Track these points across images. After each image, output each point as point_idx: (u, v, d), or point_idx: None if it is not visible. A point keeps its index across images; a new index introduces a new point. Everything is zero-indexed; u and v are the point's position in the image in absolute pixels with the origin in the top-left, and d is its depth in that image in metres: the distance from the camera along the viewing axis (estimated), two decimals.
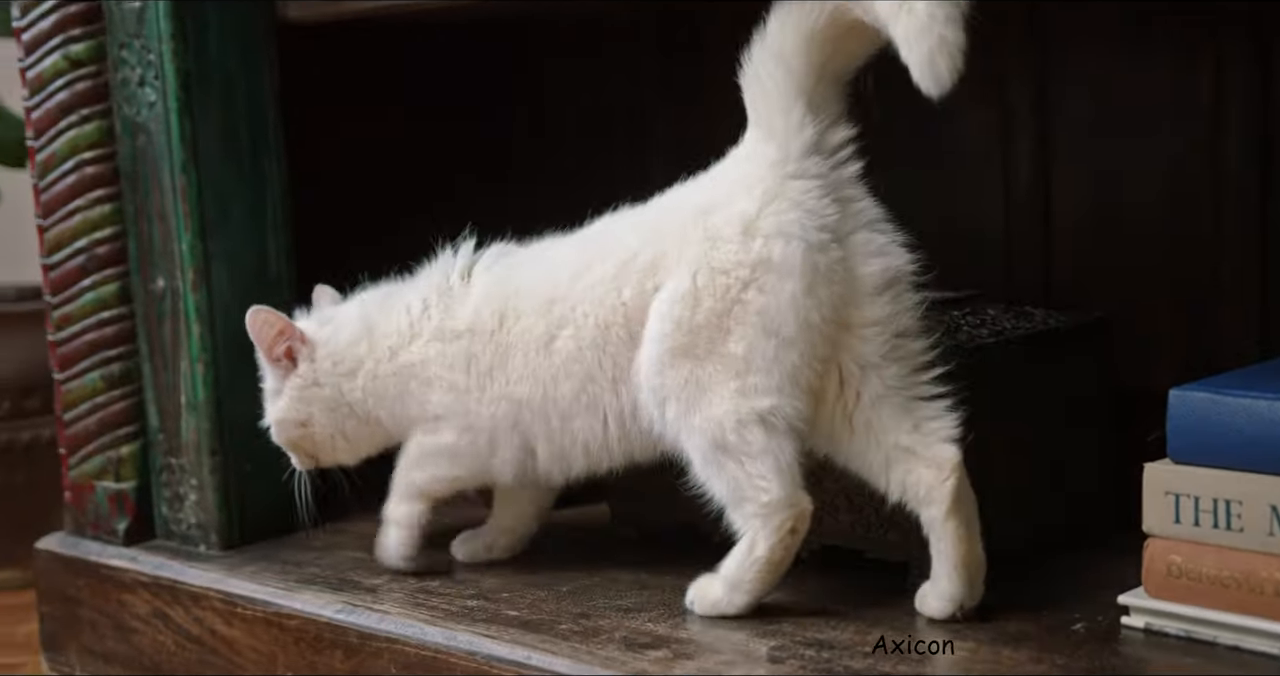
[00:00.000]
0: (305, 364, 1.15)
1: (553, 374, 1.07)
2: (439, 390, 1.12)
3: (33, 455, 1.81)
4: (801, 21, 0.98)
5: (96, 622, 1.34)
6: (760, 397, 0.98)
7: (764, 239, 0.98)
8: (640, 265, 1.03)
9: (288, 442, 1.18)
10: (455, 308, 1.13)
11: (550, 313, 1.07)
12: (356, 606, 1.12)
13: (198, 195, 1.28)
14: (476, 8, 1.30)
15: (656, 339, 1.01)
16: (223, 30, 1.28)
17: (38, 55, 1.34)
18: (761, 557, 1.00)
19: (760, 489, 0.99)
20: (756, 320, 0.98)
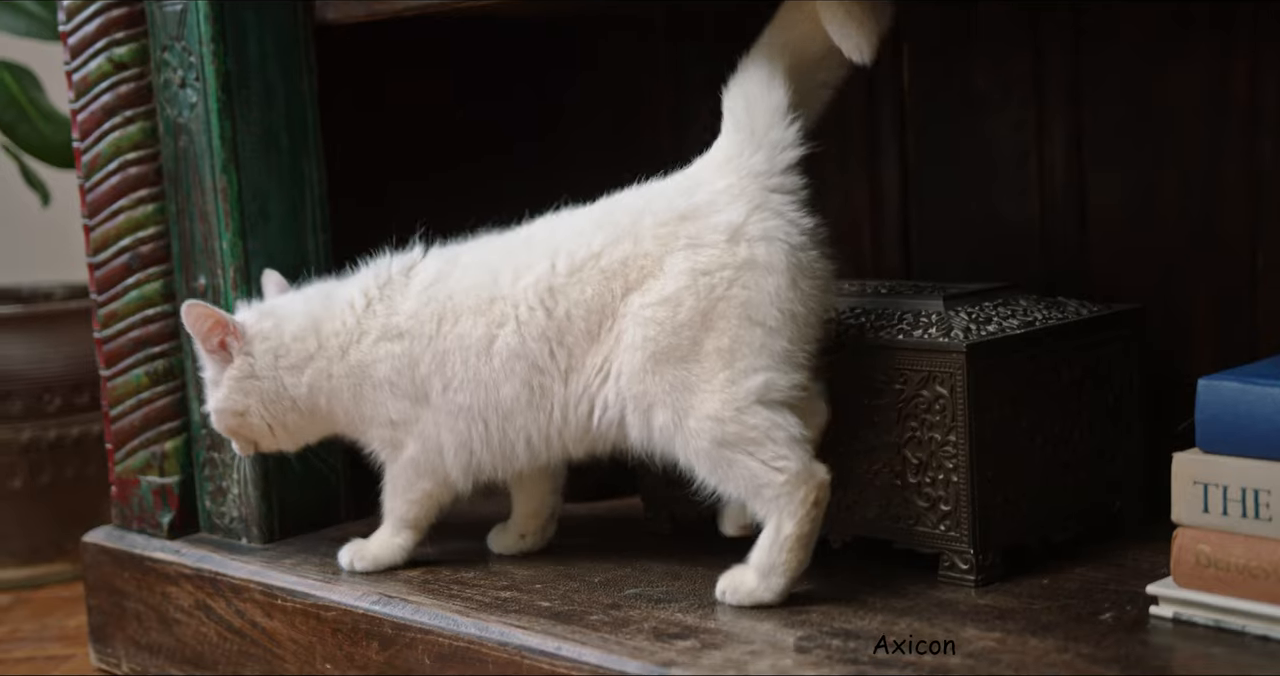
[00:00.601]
0: (240, 357, 1.17)
1: (494, 378, 1.10)
2: (391, 394, 1.15)
3: (83, 450, 1.84)
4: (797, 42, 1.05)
5: (142, 614, 1.36)
6: (751, 376, 1.02)
7: (748, 243, 1.03)
8: (607, 265, 1.06)
9: (226, 431, 1.21)
10: (397, 303, 1.15)
11: (490, 311, 1.10)
12: (392, 598, 1.14)
13: (238, 195, 1.30)
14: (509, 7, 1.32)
15: (637, 346, 1.04)
16: (262, 33, 1.30)
17: (83, 58, 1.36)
18: (790, 535, 1.02)
19: (775, 470, 1.01)
20: (740, 313, 1.02)
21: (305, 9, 1.33)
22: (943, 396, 1.05)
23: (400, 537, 1.20)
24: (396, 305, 1.15)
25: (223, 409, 1.19)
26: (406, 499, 1.18)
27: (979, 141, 1.37)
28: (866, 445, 1.10)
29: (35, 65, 2.00)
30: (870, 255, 1.46)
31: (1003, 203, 1.36)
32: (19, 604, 1.76)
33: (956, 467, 1.05)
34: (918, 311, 1.11)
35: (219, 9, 1.27)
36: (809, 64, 1.08)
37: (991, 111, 1.36)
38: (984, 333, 1.07)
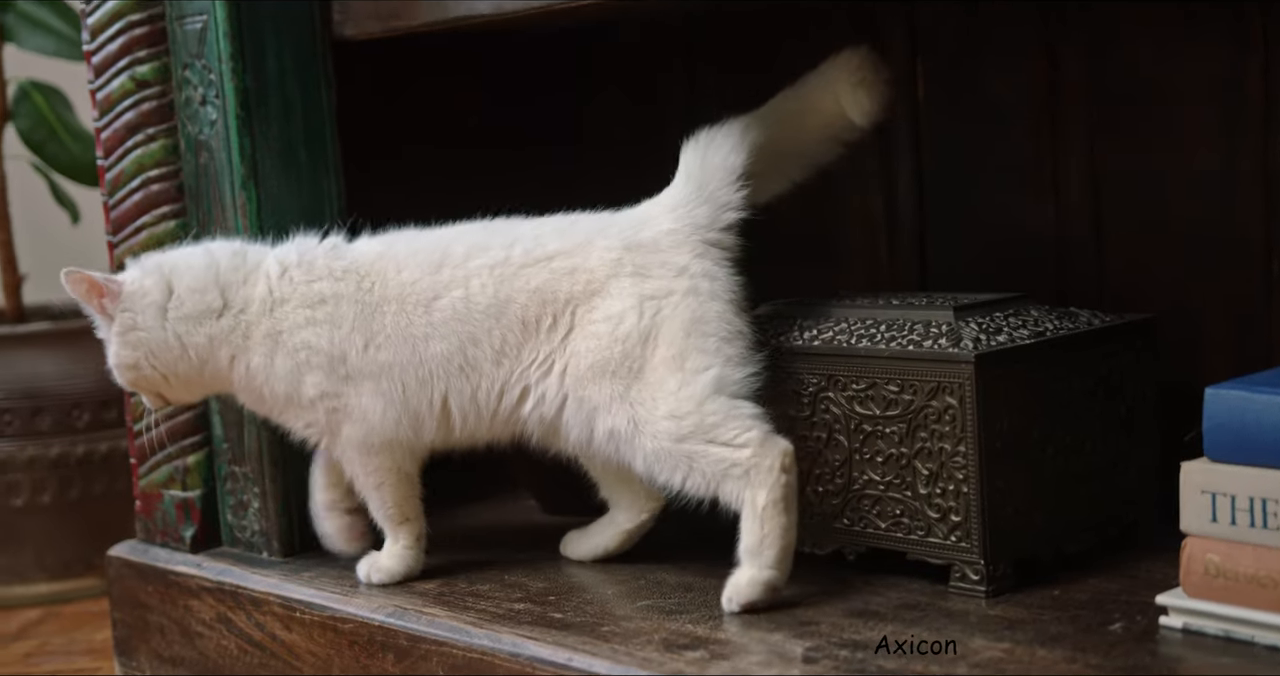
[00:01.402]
0: (120, 314, 1.20)
1: (427, 332, 1.15)
2: (306, 364, 1.17)
3: (111, 465, 1.86)
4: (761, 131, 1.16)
5: (165, 627, 1.37)
6: (703, 373, 1.08)
7: (691, 277, 1.12)
8: (558, 267, 1.14)
9: (129, 384, 1.23)
10: (318, 270, 1.18)
11: (438, 274, 1.16)
12: (407, 610, 1.14)
13: (257, 210, 1.31)
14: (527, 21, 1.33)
15: (582, 354, 1.11)
16: (280, 50, 1.32)
17: (106, 77, 1.38)
18: (767, 503, 1.05)
19: (739, 447, 1.06)
20: (687, 327, 1.10)
21: (323, 25, 1.34)
22: (952, 407, 1.05)
23: (402, 539, 1.22)
24: (317, 272, 1.18)
25: (115, 364, 1.21)
26: (374, 487, 1.20)
27: (993, 151, 1.37)
28: (877, 456, 1.10)
29: (64, 85, 2.03)
30: (886, 264, 1.46)
31: (1018, 212, 1.36)
32: (49, 618, 1.79)
33: (967, 478, 1.05)
34: (928, 322, 1.11)
35: (238, 27, 1.29)
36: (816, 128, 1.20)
37: (1006, 120, 1.36)
38: (994, 343, 1.07)
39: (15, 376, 1.82)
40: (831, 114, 1.19)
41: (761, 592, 1.05)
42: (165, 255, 1.23)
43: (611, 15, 1.38)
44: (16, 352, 1.82)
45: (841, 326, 1.15)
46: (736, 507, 1.06)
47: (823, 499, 1.14)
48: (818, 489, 1.14)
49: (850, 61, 1.17)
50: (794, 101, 1.20)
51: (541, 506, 1.42)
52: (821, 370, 1.13)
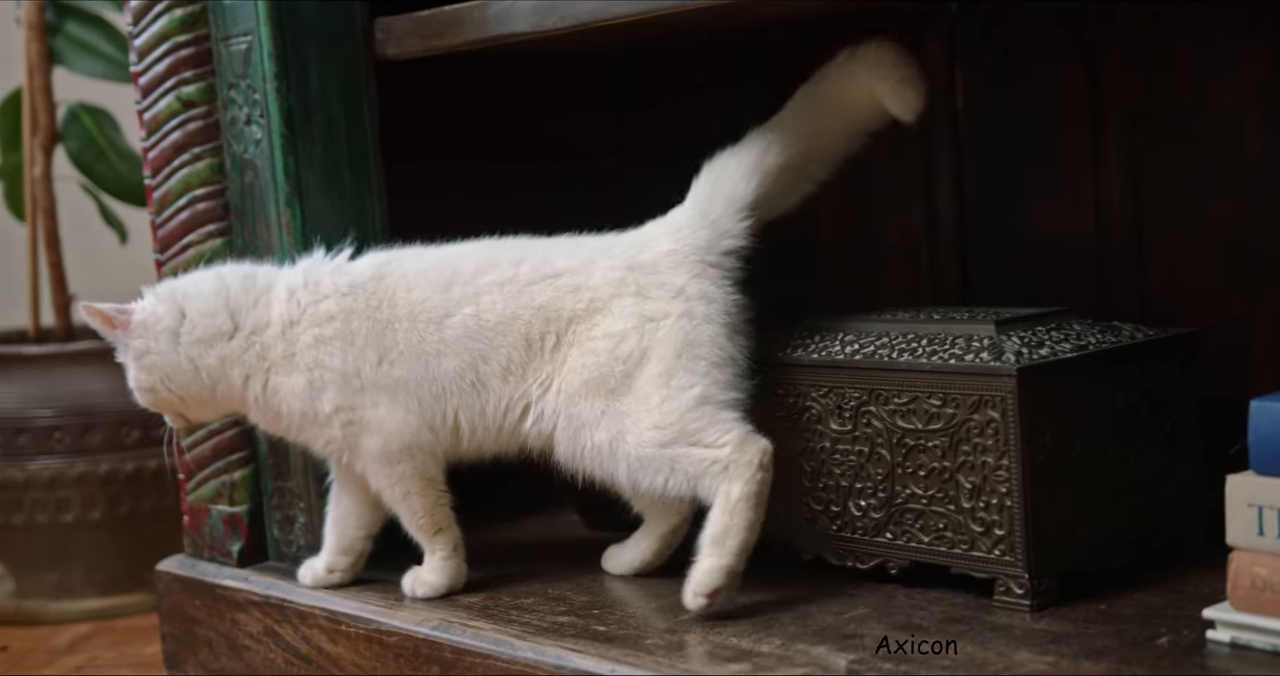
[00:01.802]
0: (134, 340, 1.22)
1: (439, 349, 1.17)
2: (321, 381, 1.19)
3: (160, 482, 1.88)
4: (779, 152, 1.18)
5: (212, 641, 1.39)
6: (688, 390, 1.11)
7: (687, 300, 1.14)
8: (563, 285, 1.16)
9: (149, 406, 1.26)
10: (325, 290, 1.20)
11: (448, 292, 1.18)
12: (452, 623, 1.15)
13: (301, 229, 1.32)
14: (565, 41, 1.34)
15: (577, 370, 1.14)
16: (324, 69, 1.34)
17: (153, 97, 1.40)
18: (739, 496, 1.08)
19: (719, 446, 1.09)
20: (678, 347, 1.12)
21: (366, 45, 1.36)
22: (994, 420, 1.05)
23: (439, 550, 1.23)
24: (324, 291, 1.20)
25: (134, 388, 1.25)
26: (401, 497, 1.21)
27: (1034, 164, 1.37)
28: (920, 470, 1.10)
29: (112, 107, 2.06)
30: (927, 278, 1.46)
31: (1059, 225, 1.36)
32: (99, 632, 1.81)
33: (1010, 492, 1.05)
34: (969, 336, 1.11)
35: (282, 47, 1.31)
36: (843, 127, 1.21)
37: (1046, 131, 1.36)
38: (1035, 356, 1.07)
39: (66, 394, 1.84)
40: (862, 111, 1.20)
41: (722, 578, 1.08)
42: (178, 281, 1.26)
43: (647, 37, 1.39)
44: (67, 371, 1.85)
45: (883, 340, 1.15)
46: (710, 501, 1.09)
47: (865, 513, 1.14)
48: (859, 503, 1.14)
49: (884, 57, 1.18)
50: (816, 103, 1.20)
51: (584, 521, 1.43)
52: (863, 384, 1.13)
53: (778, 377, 1.19)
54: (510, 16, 1.25)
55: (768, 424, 1.19)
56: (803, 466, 1.18)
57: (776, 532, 1.20)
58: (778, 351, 1.20)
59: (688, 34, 1.46)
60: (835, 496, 1.16)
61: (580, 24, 1.20)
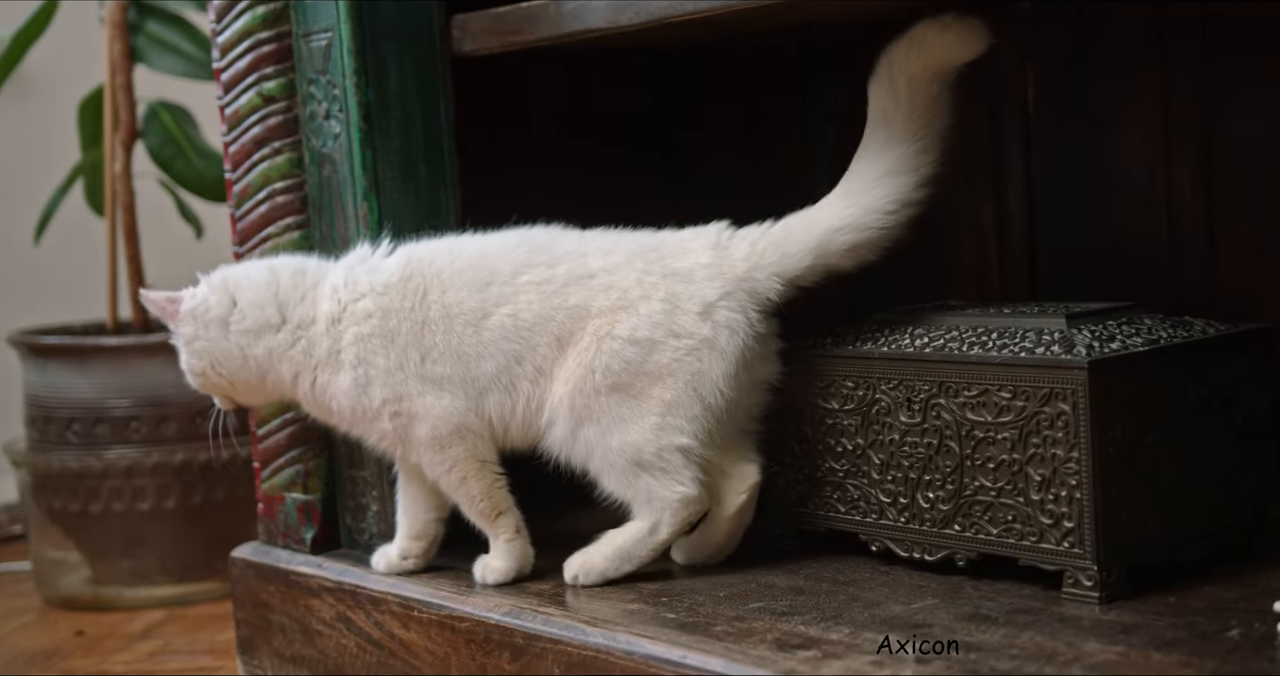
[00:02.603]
0: (184, 326, 1.27)
1: (478, 351, 1.20)
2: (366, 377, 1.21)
3: (232, 472, 1.92)
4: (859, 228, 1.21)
5: (286, 626, 1.41)
6: (678, 435, 1.17)
7: (713, 325, 1.18)
8: (596, 285, 1.19)
9: (199, 388, 1.30)
10: (362, 288, 1.23)
11: (486, 291, 1.21)
12: (523, 609, 1.17)
13: (378, 221, 1.35)
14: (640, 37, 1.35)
15: (600, 370, 1.18)
16: (402, 65, 1.36)
17: (235, 93, 1.43)
18: (661, 539, 1.20)
19: (674, 491, 1.18)
20: (691, 381, 1.17)
21: (443, 42, 1.38)
22: (1065, 413, 1.05)
23: (502, 534, 1.25)
24: (360, 289, 1.23)
25: (186, 369, 1.29)
26: (460, 482, 1.23)
27: (1105, 160, 1.37)
28: (989, 462, 1.11)
29: (190, 103, 2.10)
30: (996, 273, 1.46)
31: (1129, 222, 1.36)
32: (172, 619, 1.84)
33: (1079, 484, 1.05)
34: (1040, 329, 1.11)
35: (361, 43, 1.33)
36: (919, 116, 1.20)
37: (1118, 130, 1.36)
38: (1107, 350, 1.07)
39: (143, 385, 1.88)
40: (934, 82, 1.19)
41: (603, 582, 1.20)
42: (231, 269, 1.29)
43: (719, 33, 1.40)
44: (144, 362, 1.88)
45: (953, 334, 1.16)
46: (634, 515, 1.20)
47: (933, 505, 1.15)
48: (928, 495, 1.15)
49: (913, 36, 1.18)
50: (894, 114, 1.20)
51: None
52: (933, 377, 1.14)
53: (847, 370, 1.20)
54: (585, 13, 1.27)
55: (836, 417, 1.21)
56: (871, 458, 1.19)
57: (846, 525, 1.22)
58: (848, 344, 1.21)
59: (760, 31, 1.48)
60: (904, 488, 1.17)
61: (654, 20, 1.22)
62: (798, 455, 1.25)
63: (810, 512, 1.25)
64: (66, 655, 1.70)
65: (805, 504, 1.25)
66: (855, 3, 1.28)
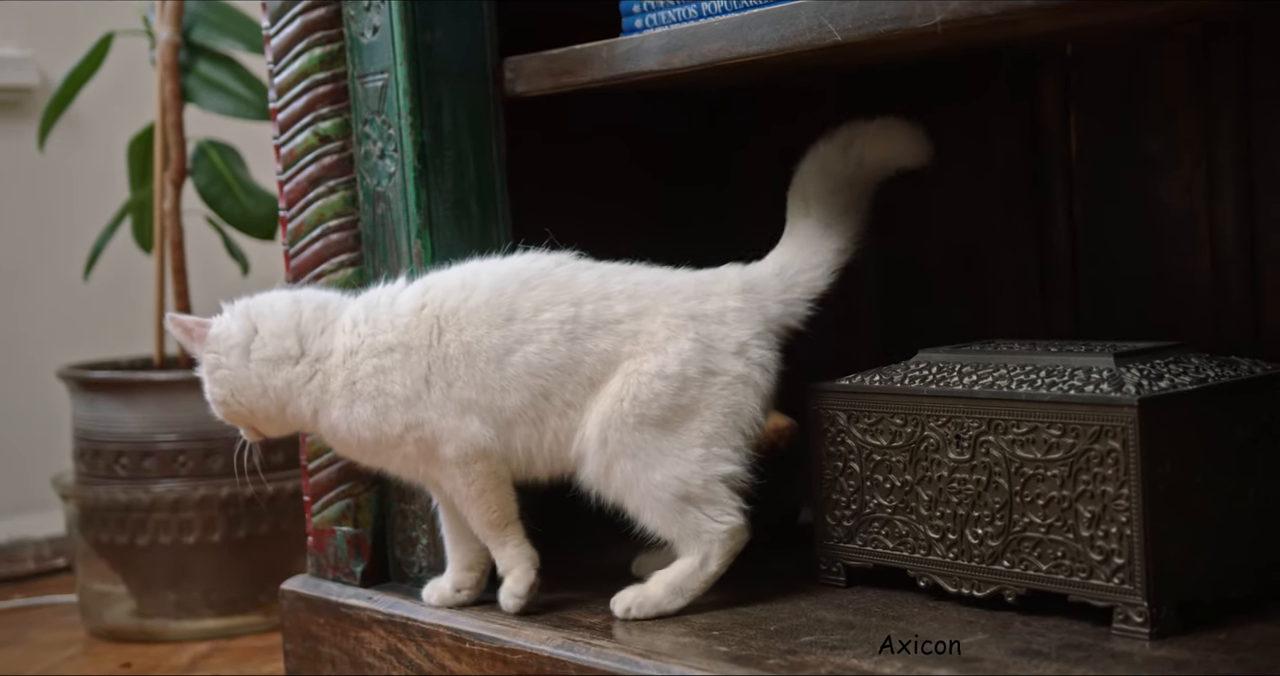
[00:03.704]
0: (208, 353, 1.28)
1: (501, 384, 1.22)
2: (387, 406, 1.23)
3: (277, 506, 1.94)
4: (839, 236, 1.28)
5: (335, 658, 1.43)
6: (723, 464, 1.21)
7: (747, 363, 1.22)
8: (623, 331, 1.22)
9: (223, 417, 1.31)
10: (382, 322, 1.25)
11: (508, 328, 1.22)
12: (575, 642, 1.18)
13: (431, 258, 1.37)
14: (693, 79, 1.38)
15: (629, 400, 1.20)
16: (455, 106, 1.39)
17: (290, 132, 1.46)
18: (712, 572, 1.22)
19: (721, 524, 1.20)
20: (730, 414, 1.21)
21: (495, 83, 1.41)
22: (1115, 450, 1.07)
23: (512, 540, 1.27)
24: (381, 325, 1.25)
25: (210, 399, 1.30)
26: (478, 495, 1.25)
27: (1148, 201, 1.39)
28: (1039, 499, 1.12)
29: (238, 143, 2.13)
30: (1038, 313, 1.47)
31: (1173, 262, 1.37)
32: (217, 652, 1.86)
33: (1130, 521, 1.06)
34: (1089, 368, 1.13)
35: (417, 85, 1.36)
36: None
37: (1161, 171, 1.38)
38: (1156, 388, 1.08)
39: (190, 419, 1.91)
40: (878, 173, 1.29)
41: (658, 615, 1.22)
42: (255, 298, 1.31)
43: (771, 74, 1.43)
44: (191, 397, 1.89)
45: (1001, 372, 1.18)
46: (681, 553, 1.22)
47: (982, 541, 1.16)
48: (976, 531, 1.16)
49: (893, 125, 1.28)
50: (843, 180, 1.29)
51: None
52: (981, 414, 1.15)
53: (895, 407, 1.21)
54: (639, 55, 1.29)
55: (884, 453, 1.22)
56: (920, 494, 1.20)
57: (895, 560, 1.23)
58: (896, 382, 1.23)
59: (802, 72, 1.50)
60: (952, 524, 1.18)
61: (707, 62, 1.24)
62: (845, 491, 1.26)
63: (858, 548, 1.26)
64: None
65: (853, 539, 1.26)
66: (896, 49, 1.30)
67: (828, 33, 1.14)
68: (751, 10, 1.21)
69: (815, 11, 1.15)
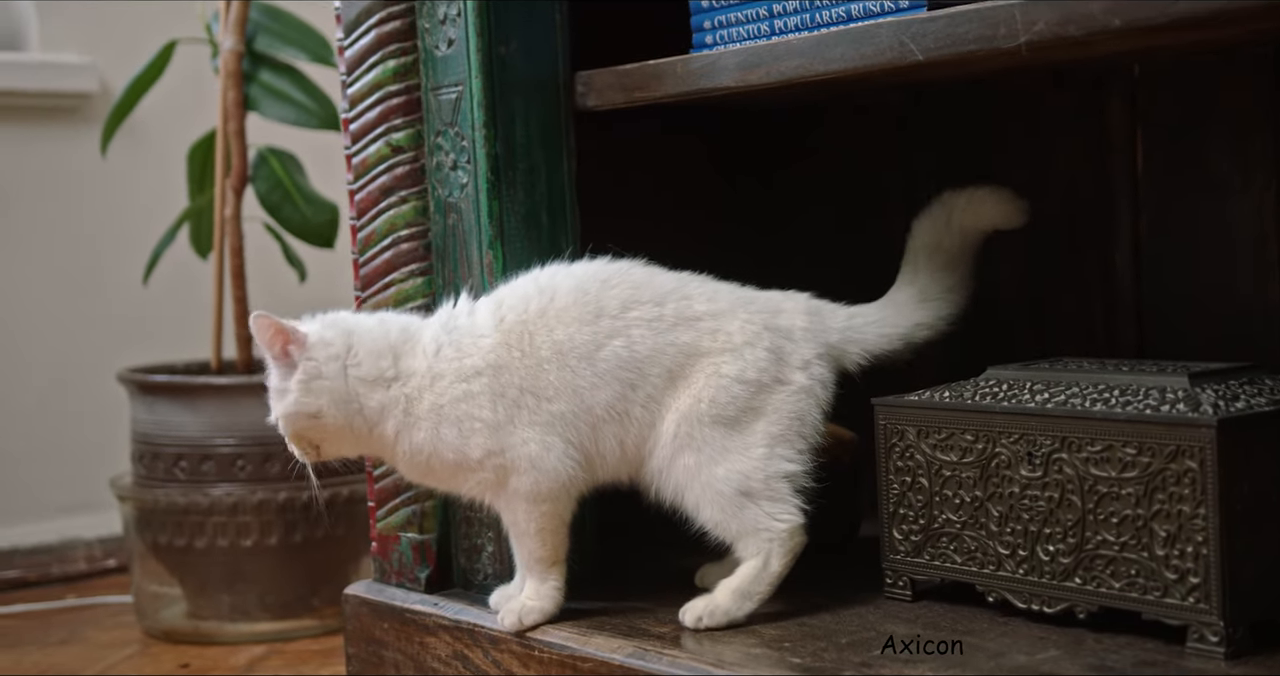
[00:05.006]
0: (304, 361, 1.24)
1: (593, 381, 1.24)
2: (472, 431, 1.24)
3: (332, 511, 1.96)
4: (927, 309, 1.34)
5: (399, 663, 1.44)
6: (786, 464, 1.25)
7: (809, 376, 1.27)
8: (704, 328, 1.26)
9: (294, 435, 1.27)
10: (465, 346, 1.26)
11: (596, 324, 1.25)
12: (647, 651, 1.19)
13: (503, 269, 1.39)
14: (768, 94, 1.39)
15: (706, 402, 1.24)
16: (528, 119, 1.40)
17: (363, 143, 1.48)
18: (775, 572, 1.24)
19: (781, 522, 1.23)
20: (794, 419, 1.26)
21: (567, 96, 1.43)
22: (1192, 470, 1.07)
23: (553, 581, 1.29)
24: (465, 348, 1.26)
25: (296, 413, 1.25)
26: (534, 532, 1.26)
27: (1215, 223, 1.39)
28: (1113, 517, 1.13)
29: (295, 151, 2.15)
30: (1101, 333, 1.48)
31: (1238, 283, 1.38)
32: (273, 654, 1.87)
33: (1206, 540, 1.07)
34: (1163, 388, 1.14)
35: (491, 97, 1.38)
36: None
37: (1230, 193, 1.38)
38: (1233, 409, 1.09)
39: (249, 424, 1.93)
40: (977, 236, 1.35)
41: (729, 624, 1.24)
42: (341, 314, 1.30)
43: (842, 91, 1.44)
44: (250, 402, 1.93)
45: (1073, 390, 1.18)
46: (742, 556, 1.24)
47: (1053, 558, 1.17)
48: (1048, 548, 1.17)
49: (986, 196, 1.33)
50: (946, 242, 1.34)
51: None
52: (1055, 432, 1.16)
53: (966, 423, 1.22)
54: (715, 71, 1.31)
55: (954, 469, 1.23)
56: (990, 510, 1.21)
57: (961, 575, 1.24)
58: (967, 398, 1.24)
59: (875, 90, 1.51)
60: (1023, 540, 1.19)
61: (785, 80, 1.25)
62: (913, 506, 1.27)
63: (925, 563, 1.27)
64: None
65: (920, 554, 1.27)
66: (972, 68, 1.31)
67: (909, 52, 1.15)
68: (830, 28, 1.23)
69: (896, 31, 1.16)
